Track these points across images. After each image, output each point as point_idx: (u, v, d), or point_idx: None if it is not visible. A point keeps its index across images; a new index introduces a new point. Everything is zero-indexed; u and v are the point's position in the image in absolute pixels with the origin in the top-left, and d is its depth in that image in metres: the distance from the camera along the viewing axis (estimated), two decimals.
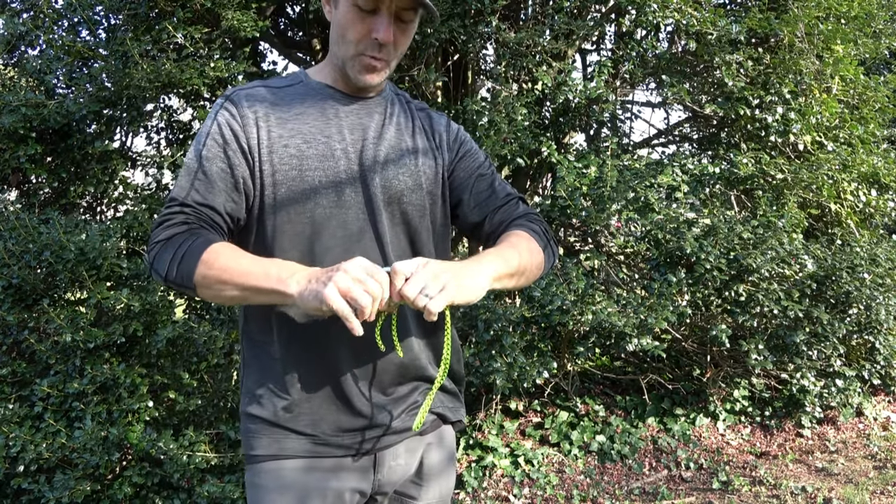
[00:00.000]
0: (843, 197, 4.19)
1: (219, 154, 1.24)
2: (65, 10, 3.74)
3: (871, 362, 4.01)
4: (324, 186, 1.25)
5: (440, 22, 3.56)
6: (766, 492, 3.39)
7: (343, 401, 1.26)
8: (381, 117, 1.36)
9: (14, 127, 3.28)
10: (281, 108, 1.29)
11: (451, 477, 1.42)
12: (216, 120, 1.27)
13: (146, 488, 3.01)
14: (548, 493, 3.44)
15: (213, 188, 1.23)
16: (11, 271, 2.98)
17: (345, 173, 1.27)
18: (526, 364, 3.28)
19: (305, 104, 1.31)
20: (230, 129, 1.25)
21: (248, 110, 1.27)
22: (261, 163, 1.25)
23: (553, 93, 3.75)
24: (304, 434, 1.26)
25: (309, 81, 1.35)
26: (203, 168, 1.24)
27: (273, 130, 1.26)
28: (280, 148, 1.25)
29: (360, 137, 1.31)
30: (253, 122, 1.26)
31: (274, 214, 1.24)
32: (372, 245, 1.26)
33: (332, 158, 1.27)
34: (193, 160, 1.25)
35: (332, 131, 1.29)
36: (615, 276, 3.84)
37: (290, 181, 1.24)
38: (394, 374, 1.29)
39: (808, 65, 4.01)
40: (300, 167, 1.25)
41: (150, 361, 3.12)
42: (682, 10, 3.74)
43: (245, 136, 1.25)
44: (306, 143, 1.26)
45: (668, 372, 4.17)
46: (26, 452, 2.78)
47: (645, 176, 3.63)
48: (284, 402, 1.25)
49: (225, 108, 1.27)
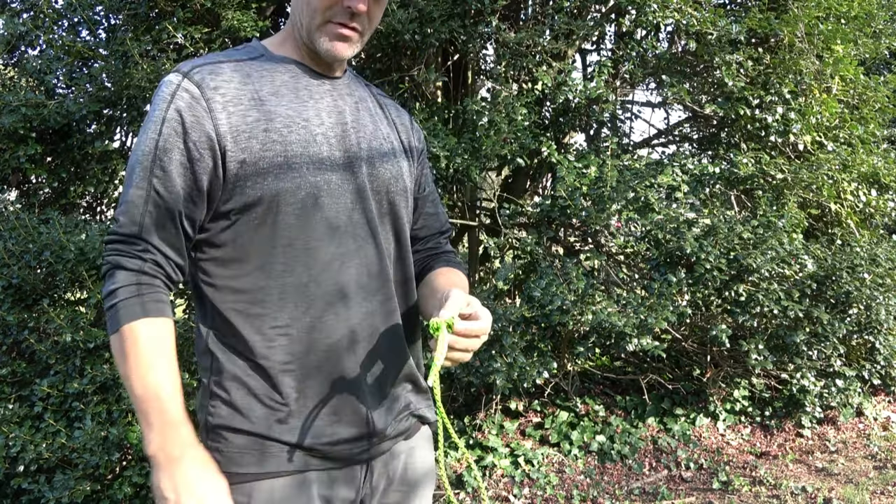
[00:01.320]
0: (843, 197, 4.19)
1: (177, 145, 1.07)
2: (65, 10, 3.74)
3: (871, 362, 4.01)
4: (311, 174, 1.12)
5: (440, 22, 3.56)
6: (766, 492, 3.39)
7: (343, 411, 1.17)
8: (353, 100, 1.24)
9: (14, 127, 3.28)
10: (252, 86, 1.13)
11: (433, 478, 1.36)
12: (174, 103, 1.07)
13: (146, 488, 3.01)
14: (548, 493, 3.44)
15: (172, 186, 1.07)
16: (11, 271, 2.98)
17: (328, 161, 1.14)
18: (526, 364, 3.28)
19: (276, 82, 1.16)
20: (192, 114, 1.07)
21: (215, 92, 1.09)
22: (236, 152, 1.08)
23: (553, 93, 3.75)
24: (301, 447, 1.14)
25: (272, 55, 1.20)
26: (160, 163, 1.07)
27: (249, 114, 1.10)
28: (260, 133, 1.09)
29: (338, 122, 1.19)
30: (221, 107, 1.08)
31: (261, 209, 1.09)
32: (365, 233, 1.18)
33: (315, 144, 1.13)
34: (148, 152, 1.07)
35: (309, 114, 1.15)
36: (615, 276, 3.84)
37: (277, 169, 1.09)
38: (391, 379, 1.23)
39: (808, 65, 4.01)
40: (285, 154, 1.10)
41: None
42: (682, 10, 3.74)
43: (212, 124, 1.07)
44: (287, 127, 1.12)
45: (668, 372, 4.17)
46: (26, 452, 2.78)
47: (645, 176, 3.63)
48: (279, 413, 1.13)
49: (184, 88, 1.08)
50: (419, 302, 1.31)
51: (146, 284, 1.06)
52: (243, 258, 1.12)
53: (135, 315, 1.03)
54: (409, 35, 3.51)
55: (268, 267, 1.12)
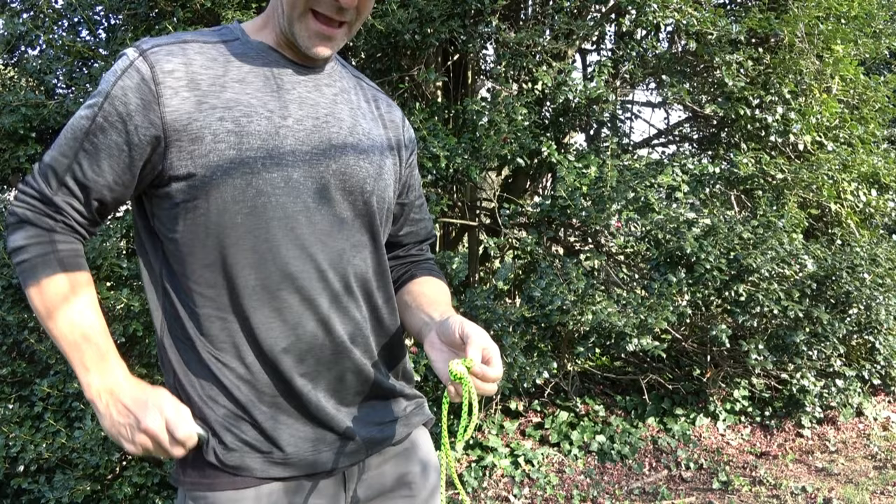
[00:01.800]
0: (843, 197, 4.19)
1: (116, 124, 1.00)
2: (65, 10, 3.74)
3: (871, 362, 4.01)
4: (267, 170, 1.03)
5: (440, 22, 3.56)
6: (766, 492, 3.39)
7: (302, 413, 1.11)
8: (333, 92, 1.14)
9: (14, 127, 3.28)
10: (214, 70, 1.04)
11: (435, 479, 1.29)
12: (122, 81, 1.00)
13: (146, 488, 3.01)
14: (548, 493, 3.44)
15: (97, 168, 1.01)
16: (11, 271, 2.98)
17: (291, 156, 1.05)
18: (526, 364, 3.28)
19: (244, 69, 1.06)
20: (139, 96, 0.99)
21: (169, 76, 1.00)
22: (184, 142, 1.01)
23: (553, 93, 3.75)
24: (260, 451, 1.08)
25: (247, 40, 1.10)
26: (93, 139, 1.01)
27: (205, 101, 1.01)
28: (215, 122, 1.01)
29: (309, 115, 1.09)
30: (173, 91, 1.00)
31: (206, 203, 1.02)
32: (328, 235, 1.09)
33: (277, 137, 1.04)
34: (83, 125, 1.01)
35: (274, 105, 1.06)
36: (615, 276, 3.84)
37: (227, 163, 1.01)
38: (355, 387, 1.16)
39: (808, 65, 4.01)
40: (239, 146, 1.02)
41: (150, 361, 3.12)
42: (682, 10, 3.74)
43: (159, 111, 0.99)
44: (246, 116, 1.03)
45: (668, 372, 4.17)
46: (26, 452, 2.78)
47: (645, 176, 3.63)
48: (244, 421, 1.08)
49: (136, 68, 1.00)
50: (399, 309, 1.26)
51: (59, 241, 1.04)
52: (191, 254, 1.05)
53: (53, 269, 1.02)
54: (409, 35, 3.51)
55: (214, 267, 1.05)
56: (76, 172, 1.02)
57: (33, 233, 1.03)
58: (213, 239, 1.04)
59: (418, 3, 3.52)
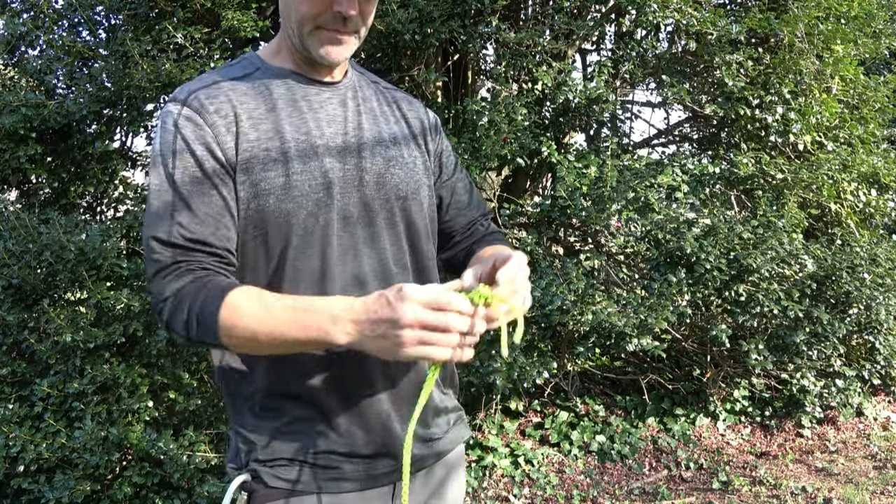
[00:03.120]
0: (843, 197, 4.19)
1: (196, 175, 1.03)
2: (65, 11, 3.75)
3: (871, 362, 4.01)
4: (314, 191, 1.06)
5: (440, 22, 3.56)
6: (766, 492, 3.39)
7: (366, 430, 1.12)
8: (355, 104, 1.17)
9: (14, 127, 3.28)
10: (249, 104, 1.08)
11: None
12: (180, 134, 1.04)
13: (146, 488, 3.01)
14: (548, 493, 3.44)
15: (197, 219, 1.02)
16: (11, 271, 2.98)
17: (332, 173, 1.09)
18: (526, 364, 3.28)
19: (274, 96, 1.11)
20: (202, 143, 1.03)
21: (217, 116, 1.05)
22: (241, 174, 1.05)
23: (553, 93, 3.75)
24: (318, 466, 1.10)
25: (268, 67, 1.14)
26: (180, 195, 1.02)
27: (249, 133, 1.06)
28: (261, 153, 1.05)
29: (339, 131, 1.13)
30: (225, 130, 1.05)
31: (262, 233, 1.06)
32: (371, 247, 1.12)
33: (316, 157, 1.08)
34: (165, 188, 1.03)
35: (309, 126, 1.10)
36: (615, 276, 3.84)
37: (278, 190, 1.05)
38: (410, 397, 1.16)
39: (808, 65, 4.01)
40: (286, 173, 1.06)
41: (150, 361, 3.13)
42: (682, 10, 3.74)
43: (221, 149, 1.04)
44: (285, 143, 1.07)
45: (668, 372, 4.17)
46: (26, 452, 2.78)
47: (645, 176, 3.63)
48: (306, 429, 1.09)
49: (185, 117, 1.04)
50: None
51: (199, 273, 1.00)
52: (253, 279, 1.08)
53: (221, 291, 0.97)
54: (409, 35, 3.51)
55: (274, 287, 1.07)
56: (181, 231, 1.02)
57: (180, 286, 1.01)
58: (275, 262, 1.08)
59: (418, 3, 3.52)
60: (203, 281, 0.99)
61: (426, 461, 1.20)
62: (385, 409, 1.12)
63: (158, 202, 1.03)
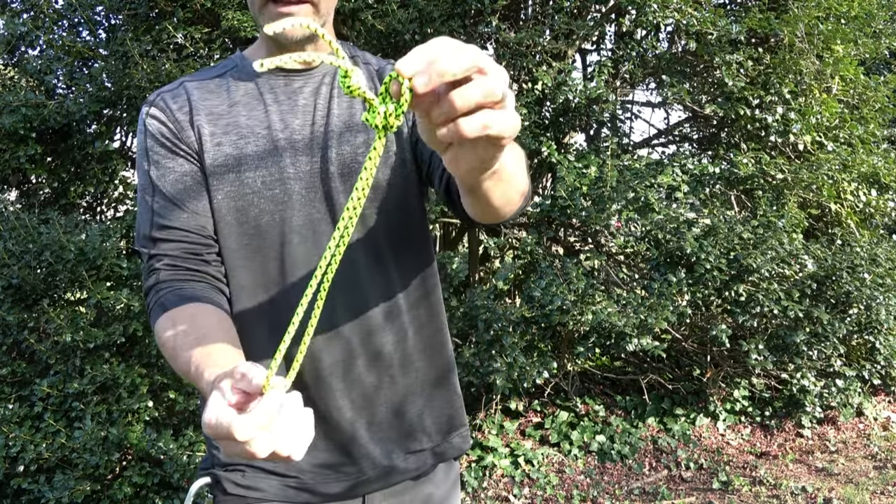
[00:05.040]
0: (843, 197, 4.19)
1: (167, 165, 1.06)
2: (65, 11, 3.74)
3: (872, 362, 4.01)
4: (268, 188, 1.04)
5: (440, 22, 3.56)
6: (766, 492, 3.39)
7: (328, 438, 1.08)
8: (328, 89, 1.11)
9: (14, 127, 3.28)
10: (211, 101, 1.08)
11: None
12: (147, 131, 1.07)
13: (146, 488, 3.01)
14: (548, 493, 3.44)
15: (172, 207, 1.04)
16: (11, 271, 2.98)
17: (290, 168, 1.06)
18: (526, 364, 3.28)
19: (240, 92, 1.09)
20: (167, 133, 1.06)
21: (179, 113, 1.07)
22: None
23: (553, 93, 3.75)
24: (276, 474, 1.07)
25: (244, 64, 1.13)
26: (157, 188, 1.05)
27: (204, 128, 1.06)
28: (213, 148, 1.05)
29: (307, 122, 1.08)
30: (188, 124, 1.06)
31: (218, 231, 1.06)
32: (328, 235, 1.07)
33: (276, 153, 1.06)
34: (146, 187, 1.07)
35: (271, 120, 1.07)
36: (615, 276, 3.83)
37: (228, 186, 1.05)
38: (387, 406, 1.11)
39: (808, 65, 4.01)
40: (238, 168, 1.05)
41: (150, 361, 3.12)
42: (682, 10, 3.73)
43: (185, 143, 1.06)
44: (243, 138, 1.06)
45: (668, 372, 4.17)
46: (26, 452, 2.78)
47: (645, 176, 3.63)
48: None
49: (151, 115, 1.08)
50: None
51: (163, 281, 1.03)
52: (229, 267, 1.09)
53: (161, 308, 1.00)
54: (409, 35, 3.51)
55: (237, 284, 1.07)
56: (159, 222, 1.06)
57: (147, 287, 1.07)
58: (228, 262, 1.07)
59: (418, 3, 3.52)
60: (160, 289, 1.02)
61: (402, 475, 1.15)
62: (348, 417, 1.09)
63: (143, 203, 1.07)
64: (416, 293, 1.14)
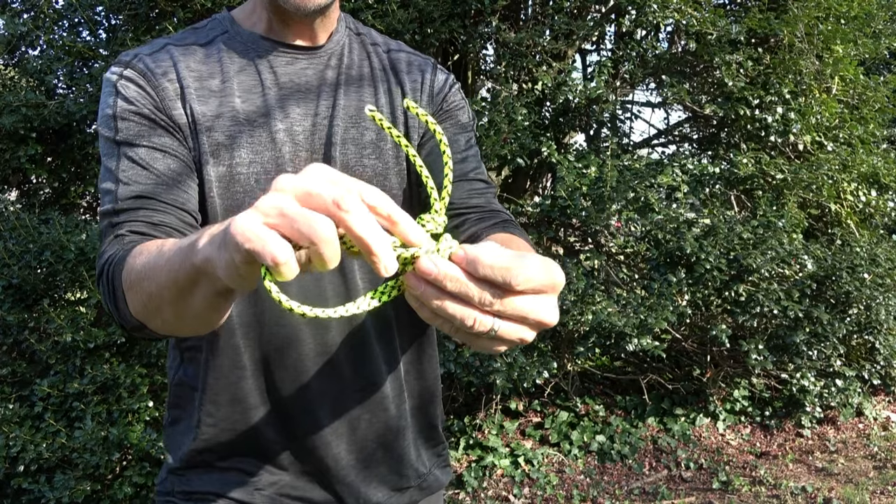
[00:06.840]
0: (843, 197, 4.19)
1: (142, 133, 0.88)
2: (65, 11, 3.74)
3: (871, 362, 4.01)
4: (261, 186, 0.90)
5: (440, 22, 3.56)
6: (766, 492, 3.39)
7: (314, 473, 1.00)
8: (335, 73, 0.98)
9: (14, 127, 3.28)
10: (202, 74, 0.92)
11: None
12: (120, 95, 0.89)
13: (146, 488, 3.01)
14: (548, 493, 3.44)
15: (144, 174, 0.87)
16: (11, 271, 2.98)
17: (291, 164, 0.92)
18: (526, 364, 3.28)
19: (234, 66, 0.94)
20: (149, 105, 0.89)
21: (165, 80, 0.90)
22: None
23: (553, 93, 3.75)
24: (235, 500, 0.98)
25: (237, 31, 0.96)
26: (126, 155, 0.87)
27: (195, 106, 0.90)
28: (202, 133, 0.90)
29: (309, 112, 0.95)
30: (175, 96, 0.90)
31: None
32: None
33: (273, 147, 0.92)
34: (111, 153, 0.89)
35: (271, 105, 0.93)
36: (615, 276, 3.84)
37: (215, 181, 0.91)
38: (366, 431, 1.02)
39: (808, 65, 4.01)
40: (230, 161, 0.91)
41: (150, 361, 3.13)
42: (682, 10, 3.74)
43: (168, 115, 0.90)
44: (237, 125, 0.91)
45: (668, 372, 4.17)
46: (26, 452, 2.78)
47: (645, 176, 3.63)
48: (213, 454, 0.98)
49: (127, 78, 0.90)
50: None
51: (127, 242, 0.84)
52: None
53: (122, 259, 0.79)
54: (409, 35, 3.51)
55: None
56: (124, 191, 0.89)
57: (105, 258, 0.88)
58: None
59: (418, 3, 3.52)
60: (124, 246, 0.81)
61: None
62: (335, 453, 1.01)
63: (106, 171, 0.89)
64: (411, 317, 1.03)
